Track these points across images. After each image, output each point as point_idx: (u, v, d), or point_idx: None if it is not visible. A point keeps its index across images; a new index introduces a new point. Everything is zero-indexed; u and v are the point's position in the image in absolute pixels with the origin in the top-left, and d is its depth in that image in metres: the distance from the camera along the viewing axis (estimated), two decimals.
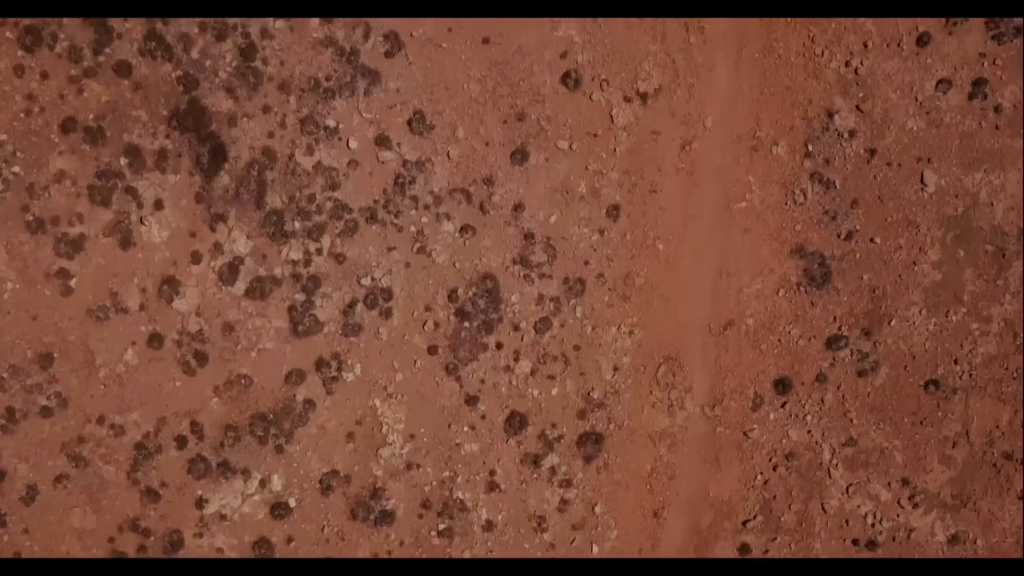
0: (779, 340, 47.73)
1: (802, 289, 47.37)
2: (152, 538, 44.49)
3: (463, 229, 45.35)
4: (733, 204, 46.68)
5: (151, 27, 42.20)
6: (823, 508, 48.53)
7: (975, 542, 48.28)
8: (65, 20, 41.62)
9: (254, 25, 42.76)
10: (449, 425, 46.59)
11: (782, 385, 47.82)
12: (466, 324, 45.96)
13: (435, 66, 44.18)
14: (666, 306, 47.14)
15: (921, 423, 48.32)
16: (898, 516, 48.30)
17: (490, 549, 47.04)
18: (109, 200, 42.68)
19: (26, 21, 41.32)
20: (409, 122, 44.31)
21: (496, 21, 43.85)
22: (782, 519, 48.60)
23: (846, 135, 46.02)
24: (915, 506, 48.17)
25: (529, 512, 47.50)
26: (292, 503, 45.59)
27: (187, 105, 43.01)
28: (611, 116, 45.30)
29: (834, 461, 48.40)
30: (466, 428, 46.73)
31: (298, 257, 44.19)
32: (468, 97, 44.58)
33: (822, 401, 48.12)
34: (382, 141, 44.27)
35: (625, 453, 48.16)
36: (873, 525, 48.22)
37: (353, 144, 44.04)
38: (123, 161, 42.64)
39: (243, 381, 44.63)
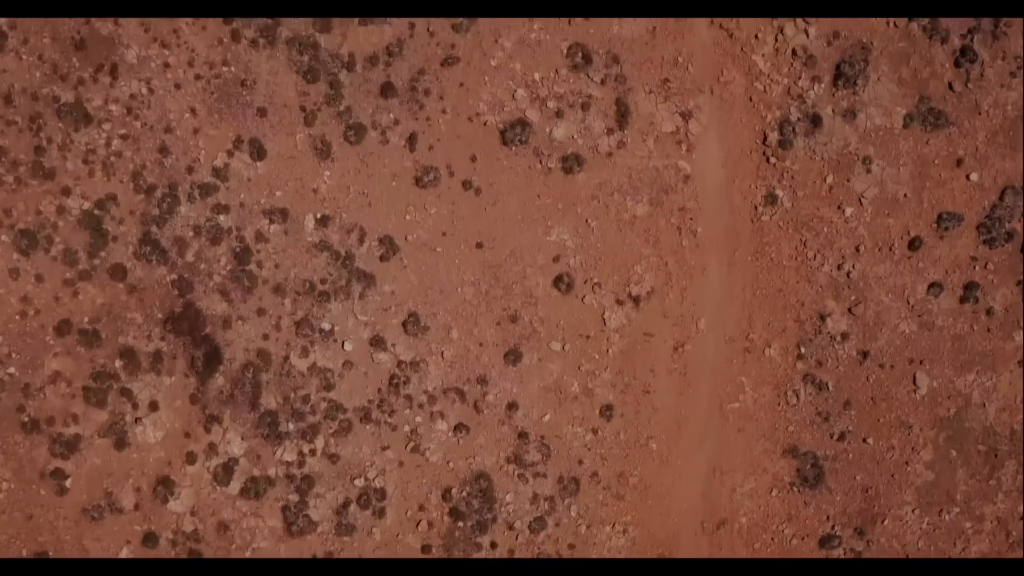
0: (772, 539, 46.53)
1: (795, 489, 46.32)
2: None
3: (457, 428, 44.37)
4: (726, 404, 45.73)
5: (146, 231, 41.59)
6: None
7: None
8: (60, 223, 41.18)
9: (248, 228, 42.23)
10: None
11: None
12: (460, 524, 44.75)
13: (429, 269, 43.35)
14: (660, 505, 45.97)
15: None
16: None
17: None
18: (104, 401, 41.76)
19: (21, 225, 40.88)
20: (404, 324, 43.50)
21: (489, 226, 43.21)
22: None
23: (839, 337, 45.11)
24: None
25: None
26: None
27: (182, 308, 42.27)
28: (604, 319, 44.41)
29: None
30: None
31: (292, 458, 43.26)
32: (462, 299, 43.75)
33: None
34: (377, 342, 43.43)
35: None
36: None
37: (348, 346, 43.21)
38: (118, 363, 41.80)
39: None
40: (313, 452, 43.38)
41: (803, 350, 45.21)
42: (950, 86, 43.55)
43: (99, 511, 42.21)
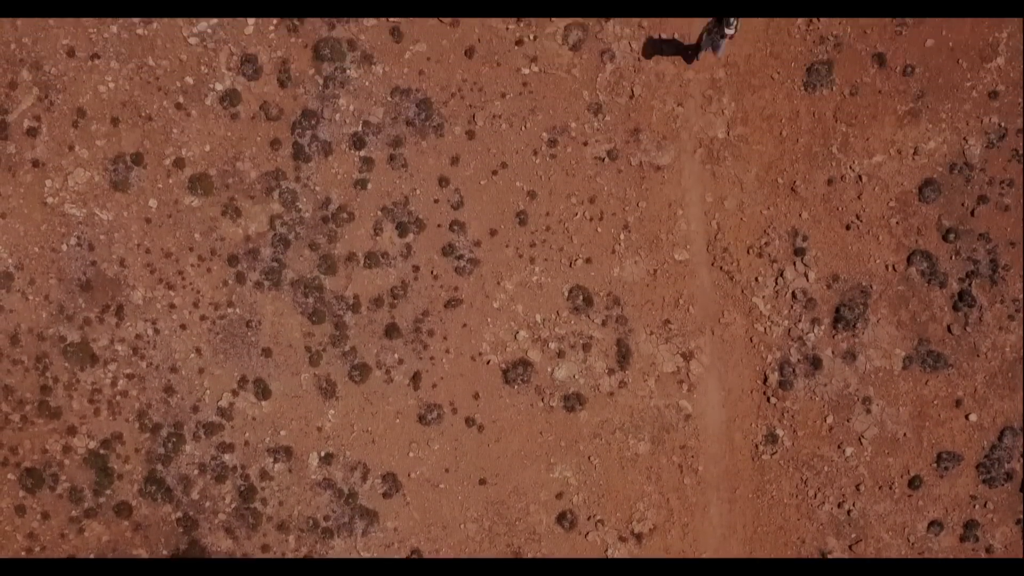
0: None
1: None
2: None
3: None
4: None
5: (151, 469, 40.86)
6: None
7: None
8: (66, 461, 40.68)
9: (253, 467, 41.52)
10: None
11: None
12: None
13: (432, 506, 42.31)
14: None
15: None
16: None
17: None
18: None
19: (27, 463, 40.40)
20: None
21: (493, 462, 42.31)
22: None
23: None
24: None
25: None
26: None
27: (187, 545, 41.29)
28: (607, 555, 43.34)
29: None
30: None
31: None
32: (465, 536, 42.54)
33: None
34: None
35: None
36: None
37: None
38: None
39: None
40: None
41: None
42: (949, 329, 42.82)
43: None
